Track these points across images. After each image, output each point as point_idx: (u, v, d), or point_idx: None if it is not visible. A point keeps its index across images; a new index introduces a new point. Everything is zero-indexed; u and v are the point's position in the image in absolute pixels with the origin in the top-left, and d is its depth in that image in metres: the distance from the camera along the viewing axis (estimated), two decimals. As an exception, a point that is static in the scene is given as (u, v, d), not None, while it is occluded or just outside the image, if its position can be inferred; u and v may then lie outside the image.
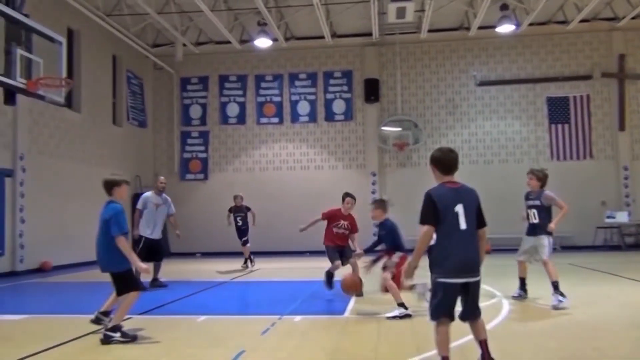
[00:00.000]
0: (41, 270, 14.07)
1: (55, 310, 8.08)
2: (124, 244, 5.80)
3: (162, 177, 11.02)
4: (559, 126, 19.24)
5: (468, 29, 18.47)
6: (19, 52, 9.37)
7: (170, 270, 9.10)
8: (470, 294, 4.06)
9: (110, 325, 5.73)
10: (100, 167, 17.29)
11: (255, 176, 20.36)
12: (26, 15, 9.78)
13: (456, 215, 4.03)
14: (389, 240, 7.31)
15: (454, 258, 3.99)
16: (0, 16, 9.14)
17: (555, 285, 7.18)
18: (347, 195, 9.20)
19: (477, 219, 4.14)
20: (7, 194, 13.28)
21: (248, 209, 14.49)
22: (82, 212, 15.72)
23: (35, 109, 14.28)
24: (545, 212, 7.59)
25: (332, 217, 9.07)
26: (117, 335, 5.65)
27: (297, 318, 6.86)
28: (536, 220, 7.60)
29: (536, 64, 19.62)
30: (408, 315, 6.66)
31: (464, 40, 19.57)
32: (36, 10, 13.57)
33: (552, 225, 7.51)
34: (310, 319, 6.86)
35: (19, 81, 9.33)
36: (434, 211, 4.03)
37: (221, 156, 20.74)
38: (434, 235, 4.08)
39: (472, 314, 4.13)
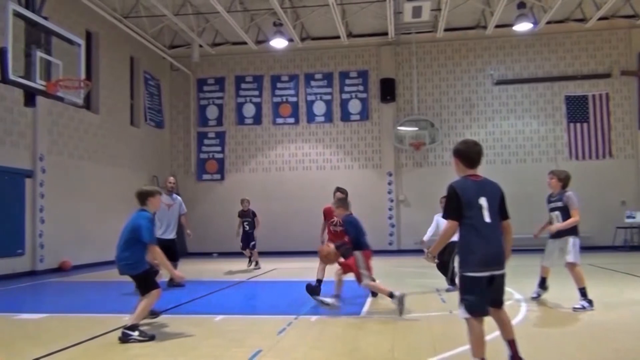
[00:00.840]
0: (60, 269, 14.25)
1: (75, 309, 8.17)
2: (159, 252, 6.12)
3: (172, 178, 11.08)
4: (578, 125, 19.03)
5: (485, 27, 18.34)
6: (39, 54, 9.50)
7: (187, 270, 9.18)
8: (495, 286, 4.03)
9: (128, 324, 5.80)
10: (118, 167, 17.49)
11: (272, 176, 20.42)
12: (45, 18, 9.91)
13: (480, 208, 4.01)
14: (350, 234, 7.36)
15: (479, 252, 3.97)
16: (21, 19, 9.27)
17: (583, 292, 7.03)
18: (336, 189, 8.81)
19: (501, 212, 4.12)
20: (27, 195, 13.48)
21: (254, 214, 14.30)
22: (100, 212, 15.93)
23: (55, 111, 14.48)
24: (569, 213, 7.25)
25: (327, 215, 8.85)
26: (135, 334, 5.72)
27: (314, 318, 6.86)
28: (559, 223, 7.30)
29: (554, 63, 19.42)
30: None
31: (481, 39, 19.44)
32: (55, 13, 13.77)
33: (553, 228, 7.30)
34: (327, 319, 6.85)
35: (38, 83, 9.46)
36: (458, 205, 4.02)
37: (237, 156, 20.83)
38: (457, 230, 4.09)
39: (494, 301, 4.08)
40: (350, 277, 7.34)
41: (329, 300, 7.12)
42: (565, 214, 7.23)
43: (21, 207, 13.28)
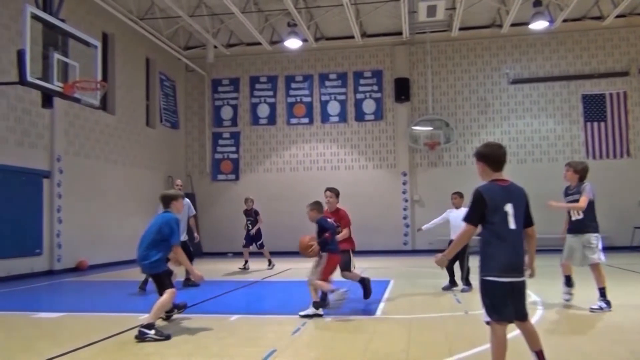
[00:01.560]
0: (77, 269, 14.40)
1: (91, 308, 8.26)
2: (182, 253, 6.37)
3: (179, 180, 11.12)
4: (595, 124, 18.81)
5: (500, 26, 18.20)
6: (56, 56, 9.59)
7: (202, 270, 9.20)
8: (516, 294, 3.95)
9: (145, 322, 5.87)
10: (134, 168, 17.63)
11: (286, 176, 20.45)
12: (63, 21, 10.00)
13: (505, 214, 3.93)
14: (319, 236, 7.34)
15: (501, 257, 3.89)
16: (38, 22, 9.38)
17: (602, 292, 6.90)
18: (325, 190, 8.53)
19: (526, 218, 4.05)
20: (45, 195, 13.64)
21: (257, 213, 14.30)
22: (117, 212, 16.08)
23: (72, 112, 14.64)
24: (590, 206, 6.95)
25: None
26: (152, 332, 5.80)
27: (328, 318, 6.86)
28: (580, 216, 6.99)
29: (570, 61, 19.22)
30: (318, 315, 6.84)
31: (496, 37, 19.31)
32: (72, 15, 13.93)
33: (552, 203, 6.95)
34: (341, 319, 6.85)
35: (56, 85, 9.56)
36: (482, 210, 3.96)
37: (252, 157, 20.90)
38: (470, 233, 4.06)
39: (518, 314, 3.98)
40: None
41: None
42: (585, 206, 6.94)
43: (39, 208, 13.45)
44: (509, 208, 3.94)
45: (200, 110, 21.37)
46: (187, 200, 10.67)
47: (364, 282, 8.00)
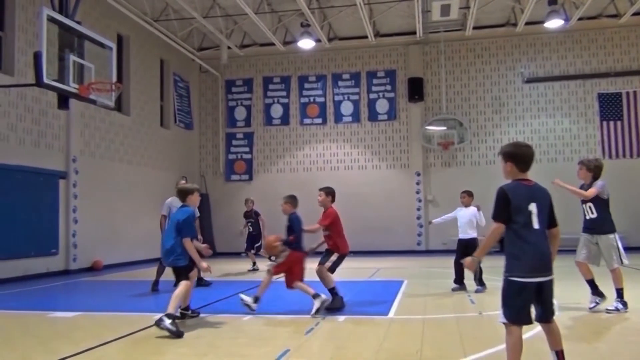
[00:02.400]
0: (93, 269, 14.53)
1: (106, 307, 8.32)
2: (190, 246, 6.53)
3: (183, 181, 10.94)
4: (611, 123, 18.60)
5: (515, 25, 18.08)
6: (72, 58, 9.70)
7: (215, 269, 9.28)
8: (544, 294, 3.91)
9: (166, 311, 6.11)
10: (148, 168, 17.76)
11: (299, 177, 20.46)
12: (78, 23, 10.11)
13: (529, 214, 3.92)
14: (295, 232, 7.37)
15: (526, 257, 3.86)
16: (54, 24, 9.48)
17: (620, 293, 6.78)
18: (320, 190, 8.33)
19: (549, 218, 4.05)
20: (61, 195, 13.79)
21: (257, 214, 14.02)
22: (132, 212, 16.20)
23: (87, 113, 14.78)
24: (604, 205, 6.78)
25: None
26: (168, 322, 5.97)
27: (341, 318, 6.86)
28: (594, 215, 6.80)
29: (586, 60, 19.03)
30: (325, 302, 6.96)
31: (511, 36, 19.17)
32: (88, 17, 14.07)
33: (558, 181, 6.67)
34: (355, 319, 6.85)
35: (71, 86, 9.66)
36: (507, 208, 3.95)
37: (265, 157, 20.95)
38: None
39: (545, 315, 3.95)
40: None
41: (248, 300, 7.18)
42: (599, 205, 6.79)
43: (55, 208, 13.59)
44: (533, 208, 3.93)
45: (214, 111, 21.47)
46: None
47: (333, 293, 7.53)
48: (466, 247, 9.06)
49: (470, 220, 9.25)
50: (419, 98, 19.61)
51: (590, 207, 6.85)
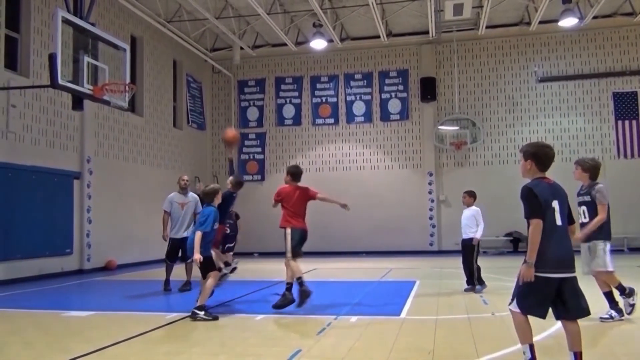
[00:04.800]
0: (106, 268, 14.63)
1: (120, 307, 8.38)
2: (199, 239, 7.02)
3: (186, 176, 10.84)
4: (627, 122, 18.41)
5: (528, 24, 17.95)
6: (86, 59, 9.77)
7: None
8: (566, 290, 3.97)
9: (197, 304, 6.87)
10: (161, 168, 17.87)
11: (311, 177, 20.38)
12: (93, 24, 10.18)
13: (553, 211, 4.03)
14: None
15: (551, 253, 3.94)
16: (69, 26, 9.56)
17: (610, 298, 6.40)
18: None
19: (568, 215, 4.16)
20: (75, 196, 13.91)
21: (237, 217, 13.70)
22: (145, 212, 16.29)
23: (101, 114, 14.91)
24: (598, 210, 6.32)
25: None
26: (202, 313, 6.75)
27: (353, 318, 6.85)
28: (586, 219, 6.38)
29: (601, 58, 18.85)
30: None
31: (524, 35, 19.04)
32: (102, 19, 14.22)
33: (578, 236, 6.11)
34: (367, 319, 6.83)
35: (86, 87, 9.73)
36: (539, 204, 4.00)
37: (277, 157, 20.99)
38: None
39: (568, 312, 3.98)
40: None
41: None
42: (593, 209, 6.36)
43: (70, 208, 13.71)
44: (555, 204, 4.04)
45: (227, 111, 21.55)
46: (195, 197, 10.55)
47: (299, 283, 7.39)
48: (464, 248, 9.09)
49: (469, 220, 9.22)
50: (432, 98, 19.53)
51: (584, 211, 6.45)
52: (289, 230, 7.60)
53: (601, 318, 6.34)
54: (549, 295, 3.95)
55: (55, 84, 9.14)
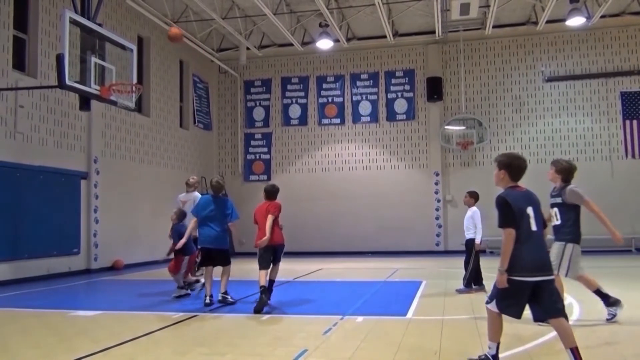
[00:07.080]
0: (113, 268, 14.70)
1: (127, 307, 8.41)
2: (236, 228, 8.43)
3: (194, 176, 11.39)
4: (635, 122, 18.30)
5: (535, 23, 17.87)
6: (93, 60, 9.81)
7: (234, 269, 9.29)
8: (542, 292, 4.17)
9: (222, 290, 8.01)
10: (168, 168, 17.92)
11: (317, 177, 20.48)
12: (100, 25, 10.23)
13: (528, 217, 4.23)
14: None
15: (527, 258, 4.15)
16: (77, 26, 9.61)
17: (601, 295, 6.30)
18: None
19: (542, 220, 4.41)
20: (82, 196, 13.97)
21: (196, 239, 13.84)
22: (151, 212, 16.35)
23: (108, 114, 14.97)
24: (570, 212, 6.13)
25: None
26: (229, 297, 8.01)
27: (359, 318, 6.85)
28: (558, 222, 6.20)
29: (608, 58, 18.75)
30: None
31: (531, 35, 18.97)
32: (109, 20, 14.28)
33: (618, 236, 5.93)
34: (373, 319, 6.83)
35: (93, 88, 9.77)
36: (512, 213, 4.20)
37: (284, 157, 21.00)
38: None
39: (546, 313, 4.22)
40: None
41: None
42: (564, 212, 6.15)
43: (77, 208, 13.78)
44: (530, 211, 4.25)
45: (233, 112, 21.59)
46: (196, 196, 10.57)
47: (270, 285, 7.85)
48: (465, 248, 9.16)
49: (467, 221, 9.22)
50: (438, 97, 19.50)
51: (556, 213, 6.25)
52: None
53: (607, 320, 6.34)
54: (525, 297, 4.19)
55: (63, 85, 9.19)
